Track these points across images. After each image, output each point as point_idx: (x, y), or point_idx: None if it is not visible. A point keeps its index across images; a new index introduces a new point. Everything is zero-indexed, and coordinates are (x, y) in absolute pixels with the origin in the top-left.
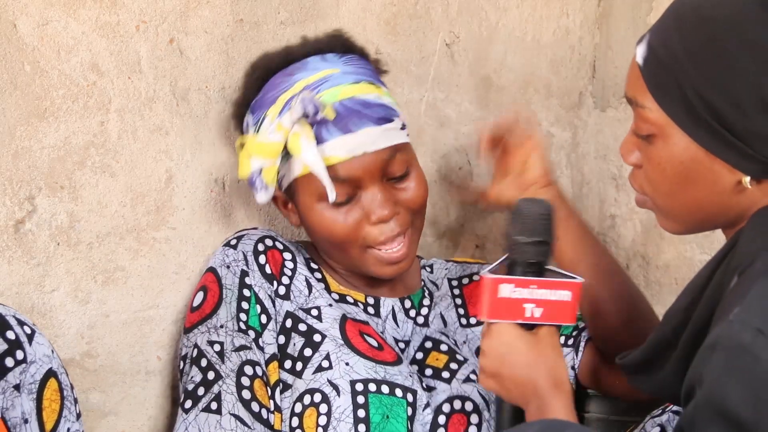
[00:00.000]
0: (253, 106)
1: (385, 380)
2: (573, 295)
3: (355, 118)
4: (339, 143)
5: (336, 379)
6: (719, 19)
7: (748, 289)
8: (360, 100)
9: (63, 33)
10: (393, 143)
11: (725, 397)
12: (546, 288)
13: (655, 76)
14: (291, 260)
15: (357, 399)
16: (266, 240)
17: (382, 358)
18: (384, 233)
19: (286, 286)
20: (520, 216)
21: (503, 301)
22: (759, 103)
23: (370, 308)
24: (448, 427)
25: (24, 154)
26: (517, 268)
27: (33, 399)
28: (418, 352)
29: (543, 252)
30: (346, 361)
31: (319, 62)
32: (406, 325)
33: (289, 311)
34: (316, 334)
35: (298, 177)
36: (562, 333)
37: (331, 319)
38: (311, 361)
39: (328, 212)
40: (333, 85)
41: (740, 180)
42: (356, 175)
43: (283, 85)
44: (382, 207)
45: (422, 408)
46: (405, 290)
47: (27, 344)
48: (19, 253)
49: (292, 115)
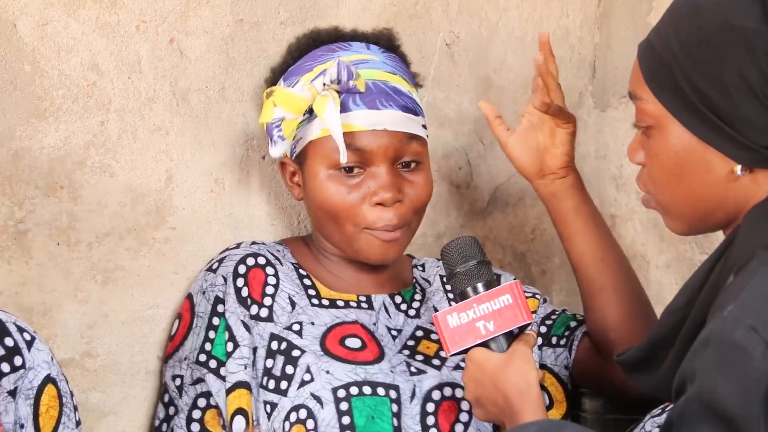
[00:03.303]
0: (288, 72)
1: (366, 381)
2: (513, 296)
3: (383, 98)
4: (362, 115)
5: (318, 390)
6: (708, 8)
7: (742, 287)
8: (392, 86)
9: (63, 33)
10: (413, 131)
11: (716, 392)
12: (486, 302)
13: (650, 66)
14: (274, 275)
15: (340, 406)
16: (248, 259)
17: (362, 358)
18: (383, 220)
19: (268, 307)
20: (453, 252)
21: (457, 330)
22: (746, 89)
23: (363, 304)
24: (438, 414)
25: (24, 154)
26: (469, 296)
27: (30, 405)
28: (410, 340)
29: (487, 271)
30: (327, 369)
31: (363, 48)
32: (397, 317)
33: (273, 333)
34: (294, 350)
35: (313, 140)
36: (553, 334)
37: (311, 336)
38: (294, 378)
39: (332, 182)
40: (371, 67)
41: (732, 169)
42: (371, 148)
43: (323, 57)
44: (386, 189)
45: (409, 401)
46: (395, 287)
47: (26, 350)
48: (19, 253)
49: (325, 78)
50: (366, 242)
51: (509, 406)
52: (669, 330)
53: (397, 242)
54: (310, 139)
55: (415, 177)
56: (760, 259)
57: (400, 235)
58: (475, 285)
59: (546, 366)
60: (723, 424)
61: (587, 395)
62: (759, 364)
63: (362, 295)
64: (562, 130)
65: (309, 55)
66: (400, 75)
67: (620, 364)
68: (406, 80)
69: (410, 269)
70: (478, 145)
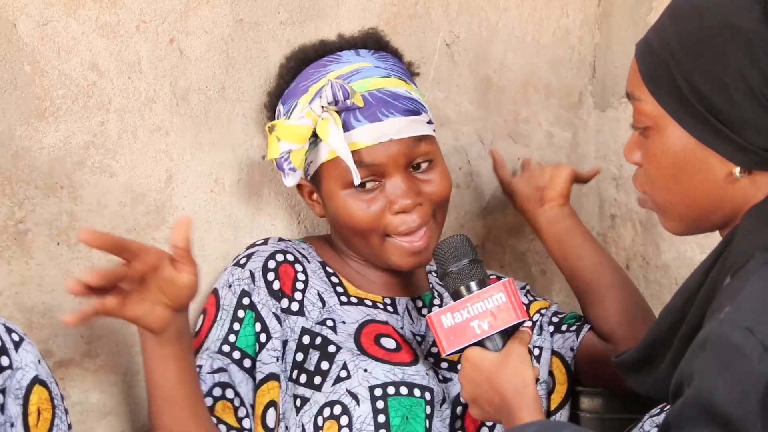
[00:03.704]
0: (285, 96)
1: (404, 381)
2: (507, 294)
3: (383, 107)
4: (366, 130)
5: (355, 387)
6: (709, 8)
7: (740, 288)
8: (389, 92)
9: (63, 33)
10: (419, 133)
11: (713, 394)
12: (479, 300)
13: (649, 67)
14: (302, 272)
15: (376, 404)
16: (277, 255)
17: (399, 359)
18: (405, 223)
19: (299, 302)
20: (444, 251)
21: (452, 330)
22: (746, 90)
23: (389, 307)
24: (465, 419)
25: (24, 154)
26: (463, 296)
27: (19, 405)
28: (433, 347)
29: (479, 269)
30: (364, 368)
31: (353, 56)
32: (420, 321)
33: (304, 327)
34: (330, 345)
35: (324, 162)
36: (565, 322)
37: (345, 334)
38: (330, 374)
39: (351, 199)
40: (364, 76)
41: (731, 171)
42: (381, 161)
43: (315, 75)
44: (404, 196)
45: (440, 404)
46: (416, 291)
47: (13, 351)
48: (19, 253)
49: (321, 101)
50: (395, 251)
51: (506, 405)
52: (666, 330)
53: (427, 248)
54: (321, 161)
55: (430, 175)
56: (758, 261)
57: (428, 238)
58: (468, 284)
59: (555, 351)
60: (720, 426)
61: (586, 394)
62: (756, 365)
63: (387, 297)
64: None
65: (301, 75)
66: (395, 76)
67: (618, 367)
68: (403, 79)
69: (425, 273)
70: (478, 145)
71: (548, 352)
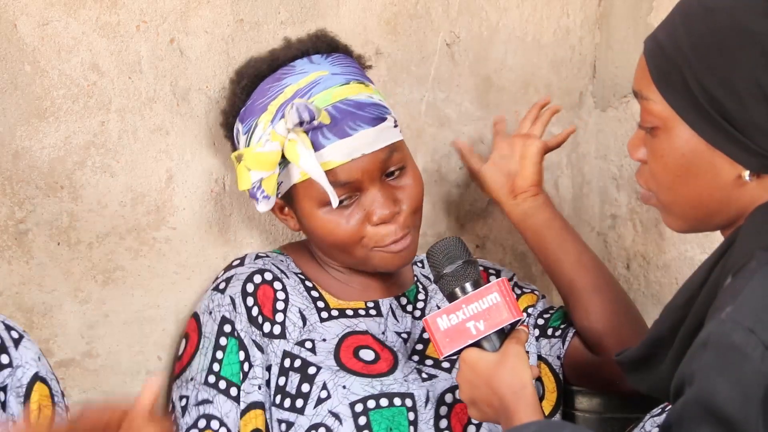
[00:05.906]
0: (242, 115)
1: (383, 393)
2: (501, 294)
3: (349, 120)
4: (336, 147)
5: (336, 407)
6: (722, 10)
7: (741, 288)
8: (353, 102)
9: (63, 33)
10: (389, 143)
11: (714, 395)
12: (474, 301)
13: (659, 67)
14: (282, 290)
15: (359, 421)
16: (255, 277)
17: (377, 371)
18: (389, 236)
19: (280, 323)
20: (438, 254)
21: (448, 332)
22: (758, 94)
23: (372, 311)
24: (450, 417)
25: (24, 154)
26: (458, 297)
27: (20, 402)
28: (418, 344)
29: (474, 270)
30: (343, 385)
31: (307, 65)
32: (404, 319)
33: (285, 350)
34: (311, 367)
35: (296, 183)
36: (550, 326)
37: (325, 352)
38: (311, 396)
39: (329, 216)
40: (324, 88)
41: (740, 174)
42: (356, 177)
43: (272, 91)
44: (383, 207)
45: (424, 406)
46: (399, 288)
47: (13, 348)
48: (19, 252)
49: (287, 123)
50: (380, 258)
51: (504, 406)
52: (668, 329)
53: (409, 248)
54: (293, 182)
55: (403, 181)
56: (759, 261)
57: (410, 238)
58: (463, 285)
59: (542, 357)
60: (721, 426)
61: (586, 394)
62: (757, 365)
63: (370, 301)
64: (530, 150)
65: (256, 91)
66: (354, 80)
67: (619, 365)
68: (362, 82)
69: (410, 266)
70: (478, 145)
71: (534, 356)
